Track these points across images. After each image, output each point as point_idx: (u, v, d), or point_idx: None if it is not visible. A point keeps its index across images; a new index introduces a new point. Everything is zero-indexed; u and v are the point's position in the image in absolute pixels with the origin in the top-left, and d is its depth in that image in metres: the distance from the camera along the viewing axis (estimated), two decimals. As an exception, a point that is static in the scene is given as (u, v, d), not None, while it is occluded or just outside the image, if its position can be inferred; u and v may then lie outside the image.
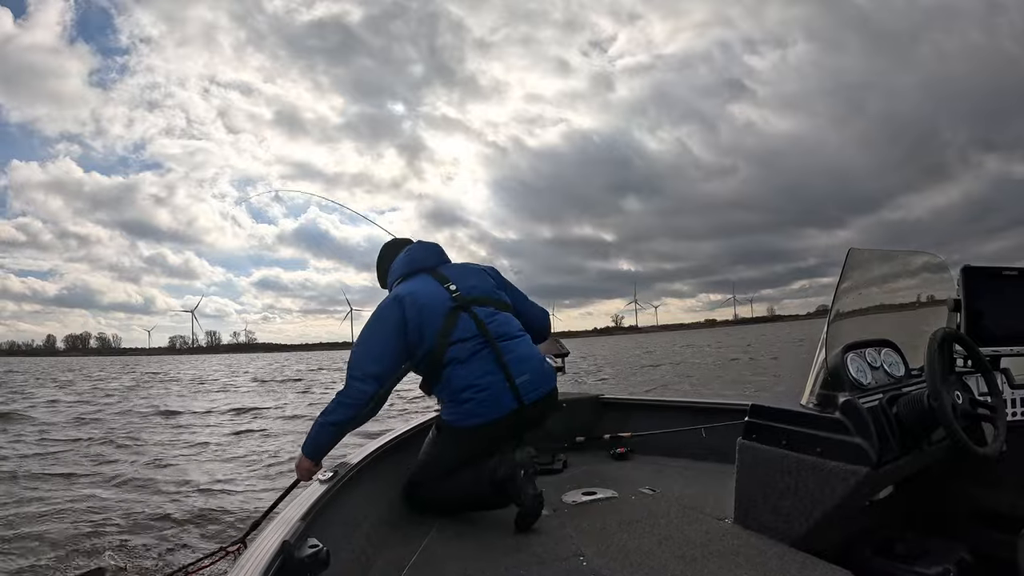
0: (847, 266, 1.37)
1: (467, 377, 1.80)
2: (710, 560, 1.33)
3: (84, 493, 4.72)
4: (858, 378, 1.35)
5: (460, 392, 1.81)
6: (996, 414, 1.29)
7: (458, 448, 1.86)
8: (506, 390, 1.80)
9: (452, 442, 1.87)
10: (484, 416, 1.79)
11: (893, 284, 1.65)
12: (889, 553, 1.32)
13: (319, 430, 1.79)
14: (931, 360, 1.22)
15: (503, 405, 1.79)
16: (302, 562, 1.06)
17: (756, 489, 1.41)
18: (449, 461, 1.86)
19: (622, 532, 1.58)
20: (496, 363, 1.81)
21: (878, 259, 1.56)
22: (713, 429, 2.30)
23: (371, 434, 2.35)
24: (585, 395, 2.87)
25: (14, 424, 9.31)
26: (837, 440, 1.24)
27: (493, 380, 1.80)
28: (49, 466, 5.92)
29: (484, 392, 1.79)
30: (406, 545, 1.60)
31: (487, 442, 1.85)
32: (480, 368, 1.81)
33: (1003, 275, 1.57)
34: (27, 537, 3.59)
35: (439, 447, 1.91)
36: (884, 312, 1.59)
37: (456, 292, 1.89)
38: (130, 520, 3.94)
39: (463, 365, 1.81)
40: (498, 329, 1.87)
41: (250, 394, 15.74)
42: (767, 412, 1.40)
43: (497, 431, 1.83)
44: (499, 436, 1.86)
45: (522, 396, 1.80)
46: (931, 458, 1.32)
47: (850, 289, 1.42)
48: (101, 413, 11.03)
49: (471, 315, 1.86)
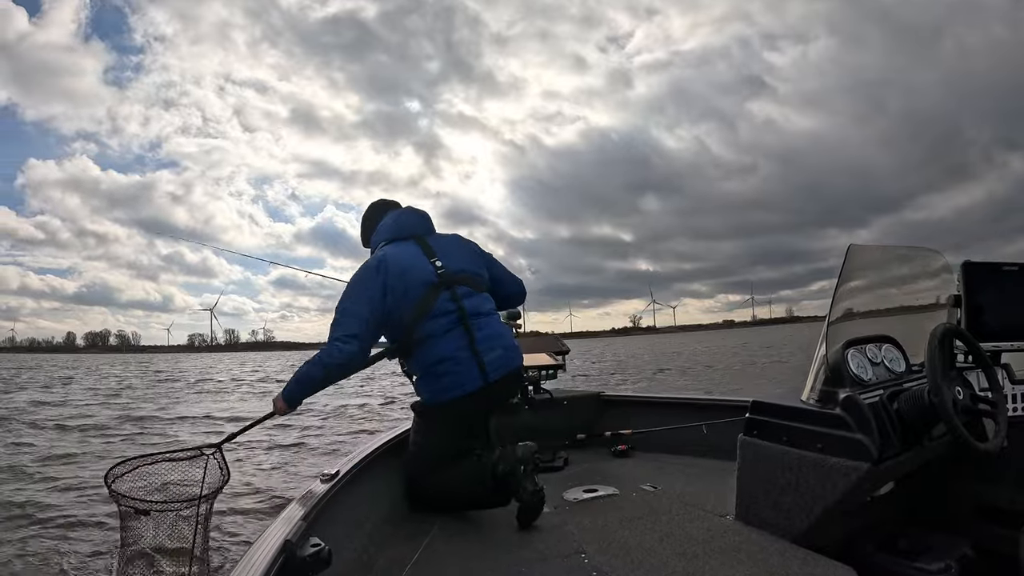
0: (847, 262, 1.37)
1: (440, 352, 1.83)
2: (711, 557, 1.33)
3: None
4: (859, 374, 1.35)
5: (434, 365, 1.84)
6: (997, 410, 1.29)
7: (437, 427, 1.89)
8: (475, 366, 1.83)
9: (431, 423, 1.91)
10: (457, 390, 1.82)
11: (894, 280, 1.65)
12: (891, 549, 1.32)
13: (299, 380, 1.80)
14: (932, 356, 1.22)
15: (473, 380, 1.82)
16: (304, 561, 1.06)
17: (757, 485, 1.41)
18: (433, 446, 1.88)
19: (623, 529, 1.58)
20: (467, 340, 1.84)
21: (878, 255, 1.56)
22: (714, 426, 2.30)
23: (373, 433, 2.36)
24: (586, 392, 2.88)
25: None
26: (838, 436, 1.24)
27: (464, 356, 1.83)
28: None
29: (457, 366, 1.82)
30: (408, 543, 1.60)
31: (461, 420, 1.89)
32: (453, 344, 1.83)
33: (1003, 270, 1.57)
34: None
35: (420, 433, 1.95)
36: (884, 308, 1.59)
37: (441, 269, 1.89)
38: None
39: (436, 340, 1.83)
40: (473, 308, 1.89)
41: (241, 399, 14.42)
42: (768, 408, 1.40)
43: (468, 406, 1.86)
44: (471, 413, 1.90)
45: (489, 373, 1.84)
46: (932, 454, 1.33)
47: (851, 285, 1.42)
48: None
49: (451, 294, 1.88)
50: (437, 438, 1.89)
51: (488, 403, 1.93)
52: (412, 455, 1.95)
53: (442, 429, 1.89)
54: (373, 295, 1.83)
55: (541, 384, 2.77)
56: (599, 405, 2.81)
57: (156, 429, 8.71)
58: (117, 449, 6.83)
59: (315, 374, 1.78)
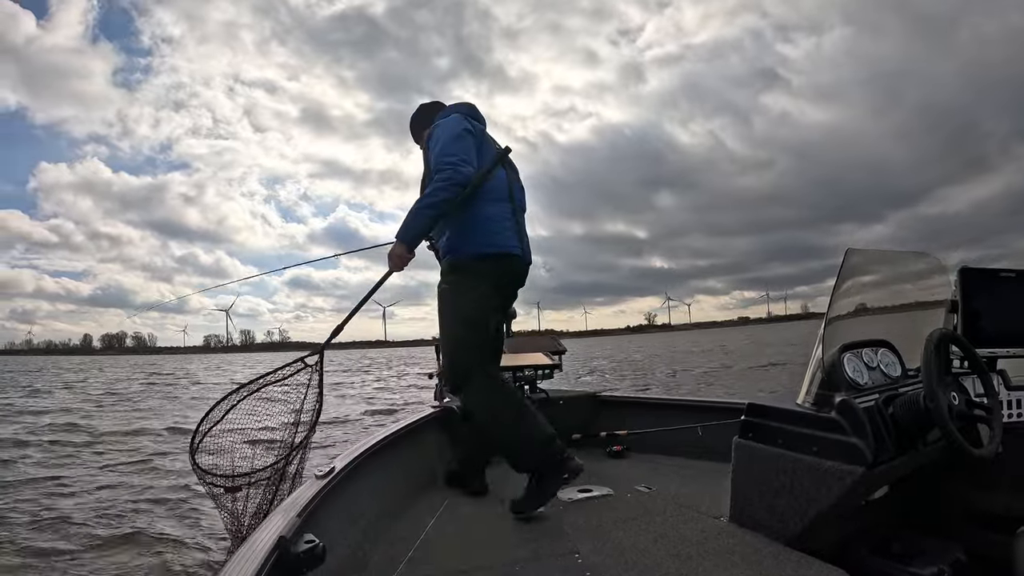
0: (844, 266, 1.37)
1: (491, 212, 1.90)
2: (705, 558, 1.33)
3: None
4: (855, 378, 1.35)
5: (484, 222, 1.88)
6: (992, 415, 1.29)
7: (474, 282, 1.88)
8: (516, 237, 1.94)
9: (468, 277, 1.90)
10: (504, 247, 1.89)
11: (891, 284, 1.65)
12: (885, 552, 1.32)
13: (415, 215, 1.81)
14: (927, 361, 1.22)
15: (514, 246, 1.92)
16: (298, 557, 1.06)
17: (752, 488, 1.41)
18: (470, 311, 1.88)
19: (617, 530, 1.58)
20: (513, 214, 1.95)
21: (876, 259, 1.57)
22: (709, 428, 2.31)
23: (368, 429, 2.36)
24: (582, 393, 2.88)
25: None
26: (833, 440, 1.25)
27: (510, 224, 1.94)
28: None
29: (505, 229, 1.91)
30: (402, 541, 1.60)
31: (500, 280, 1.92)
32: (502, 211, 1.93)
33: (1000, 276, 1.57)
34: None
35: (455, 292, 1.92)
36: (881, 312, 1.60)
37: (500, 149, 1.99)
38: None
39: (488, 202, 1.90)
40: (519, 198, 2.03)
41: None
42: (763, 411, 1.41)
43: (508, 267, 1.92)
44: (509, 277, 1.95)
45: (525, 253, 1.96)
46: (926, 459, 1.33)
47: (848, 289, 1.42)
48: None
49: (507, 174, 1.99)
50: (475, 295, 1.88)
51: (519, 280, 2.01)
52: (445, 332, 1.92)
53: (480, 284, 1.88)
54: (466, 133, 1.90)
55: (537, 384, 2.77)
56: (595, 405, 2.81)
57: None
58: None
59: (434, 200, 1.79)
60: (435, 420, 2.51)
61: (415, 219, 1.81)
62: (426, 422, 2.44)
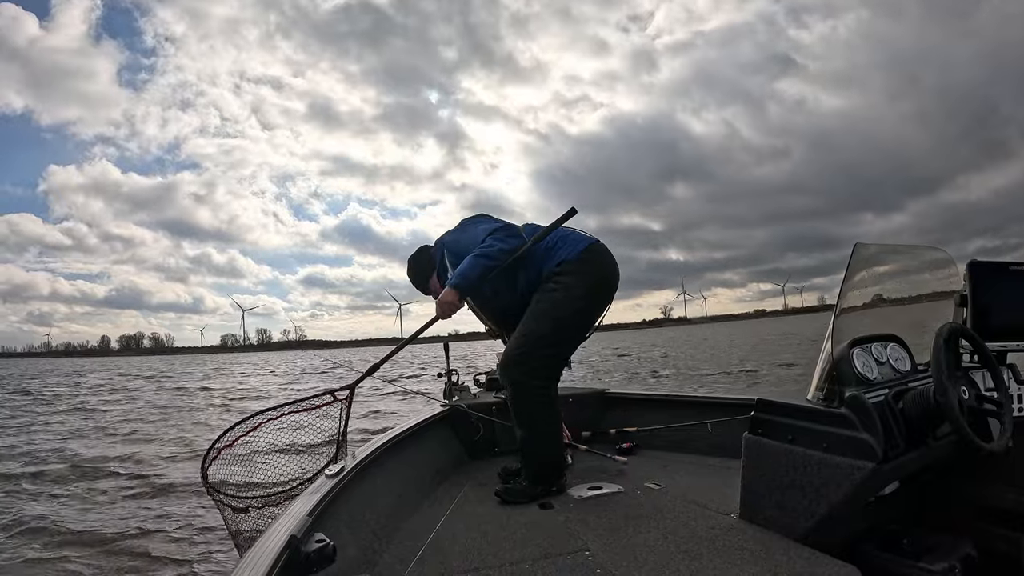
0: (853, 260, 1.36)
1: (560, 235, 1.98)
2: (716, 555, 1.33)
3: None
4: (864, 373, 1.34)
5: (551, 248, 1.94)
6: (1002, 410, 1.28)
7: (583, 276, 1.88)
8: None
9: (573, 274, 1.88)
10: (590, 238, 1.97)
11: (900, 279, 1.64)
12: (895, 549, 1.32)
13: (471, 263, 1.84)
14: (937, 355, 1.21)
15: (594, 239, 2.00)
16: (308, 557, 1.07)
17: (761, 484, 1.41)
18: (578, 299, 1.87)
19: (628, 527, 1.58)
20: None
21: (885, 254, 1.56)
22: (719, 424, 2.30)
23: (378, 429, 2.38)
24: (591, 390, 2.88)
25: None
26: (843, 435, 1.24)
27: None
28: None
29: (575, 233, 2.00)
30: (412, 540, 1.61)
31: (601, 270, 1.95)
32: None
33: (1010, 270, 1.56)
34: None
35: (559, 291, 1.87)
36: (890, 307, 1.59)
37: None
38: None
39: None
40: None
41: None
42: (773, 407, 1.40)
43: (606, 258, 1.97)
44: (608, 270, 1.98)
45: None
46: (937, 454, 1.32)
47: (857, 284, 1.41)
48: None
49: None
50: (583, 290, 1.88)
51: (614, 271, 2.01)
52: (547, 317, 1.87)
53: (590, 273, 1.90)
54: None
55: None
56: (604, 402, 2.81)
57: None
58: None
59: (490, 251, 1.84)
60: (443, 419, 2.52)
61: (471, 268, 1.83)
62: (435, 421, 2.45)
